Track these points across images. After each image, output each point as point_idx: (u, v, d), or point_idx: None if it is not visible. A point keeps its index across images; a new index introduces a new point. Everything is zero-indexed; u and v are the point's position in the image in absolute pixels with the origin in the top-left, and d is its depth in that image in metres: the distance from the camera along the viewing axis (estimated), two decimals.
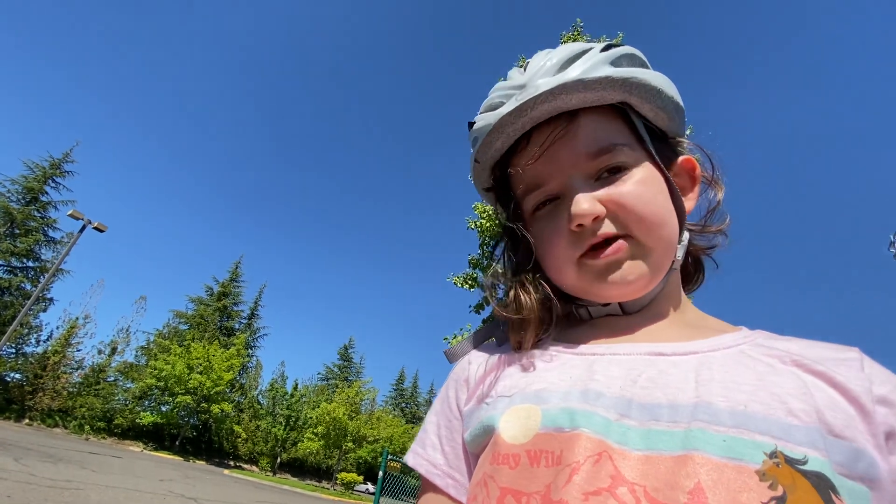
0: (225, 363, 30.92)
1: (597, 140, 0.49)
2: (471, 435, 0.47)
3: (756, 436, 0.34)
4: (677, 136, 0.55)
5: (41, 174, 29.62)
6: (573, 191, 0.48)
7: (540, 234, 0.52)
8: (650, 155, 0.51)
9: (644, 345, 0.46)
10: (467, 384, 0.53)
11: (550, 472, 0.38)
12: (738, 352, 0.43)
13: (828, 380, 0.39)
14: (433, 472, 0.50)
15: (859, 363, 0.40)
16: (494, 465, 0.41)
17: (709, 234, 0.56)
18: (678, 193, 0.51)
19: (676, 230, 0.50)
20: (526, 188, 0.52)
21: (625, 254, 0.47)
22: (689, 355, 0.43)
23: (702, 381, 0.39)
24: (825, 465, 0.33)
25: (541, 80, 0.48)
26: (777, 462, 0.33)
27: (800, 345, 0.43)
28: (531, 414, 0.42)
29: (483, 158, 0.55)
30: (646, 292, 0.49)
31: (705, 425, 0.35)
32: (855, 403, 0.37)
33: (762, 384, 0.38)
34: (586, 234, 0.47)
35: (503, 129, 0.51)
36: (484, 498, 0.41)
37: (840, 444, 0.34)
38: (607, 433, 0.38)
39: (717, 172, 0.56)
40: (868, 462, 0.34)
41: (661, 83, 0.51)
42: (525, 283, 0.53)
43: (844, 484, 0.33)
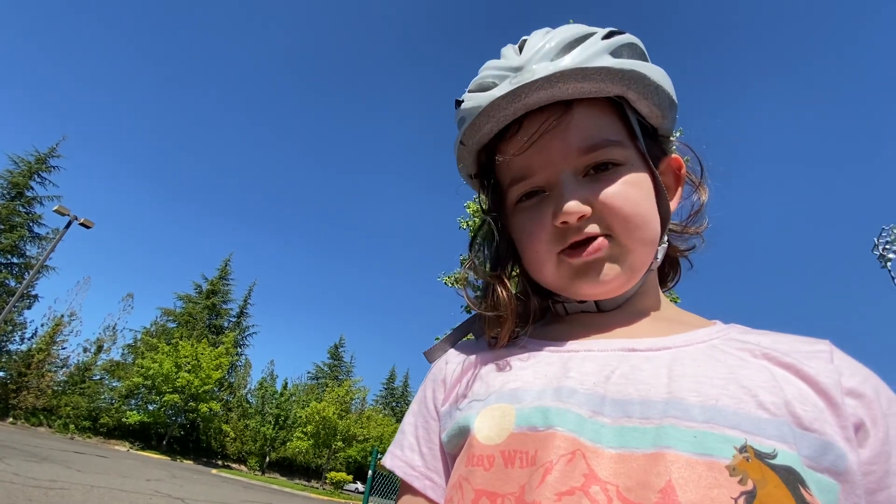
0: (213, 362, 30.64)
1: (590, 135, 0.47)
2: (447, 436, 0.47)
3: (726, 430, 0.34)
4: (667, 134, 0.55)
5: (26, 169, 29.14)
6: (561, 186, 0.47)
7: (522, 227, 0.51)
8: (641, 153, 0.50)
9: (618, 341, 0.46)
10: (444, 384, 0.52)
11: (525, 472, 0.38)
12: (711, 346, 0.43)
13: (797, 372, 0.39)
14: (411, 473, 0.50)
15: (829, 355, 0.40)
16: (469, 467, 0.41)
17: (688, 235, 0.57)
18: (665, 195, 0.51)
19: (658, 232, 0.50)
20: (512, 178, 0.51)
21: (603, 254, 0.47)
22: (663, 350, 0.43)
23: (674, 376, 0.39)
24: (794, 458, 0.33)
25: (537, 65, 0.46)
26: (747, 456, 0.33)
27: (771, 338, 0.43)
28: (505, 413, 0.42)
29: (469, 142, 0.53)
30: (622, 292, 0.49)
31: (676, 421, 0.36)
32: (824, 396, 0.37)
33: (733, 378, 0.38)
34: (570, 231, 0.47)
35: (494, 114, 0.49)
36: (459, 500, 0.41)
37: (809, 438, 0.35)
38: (581, 431, 0.38)
39: (703, 175, 0.56)
40: (836, 454, 0.34)
41: (661, 79, 0.49)
42: (503, 277, 0.53)
43: (813, 477, 0.33)
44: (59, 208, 15.02)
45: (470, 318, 0.59)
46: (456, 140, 0.55)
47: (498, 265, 0.54)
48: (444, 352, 0.57)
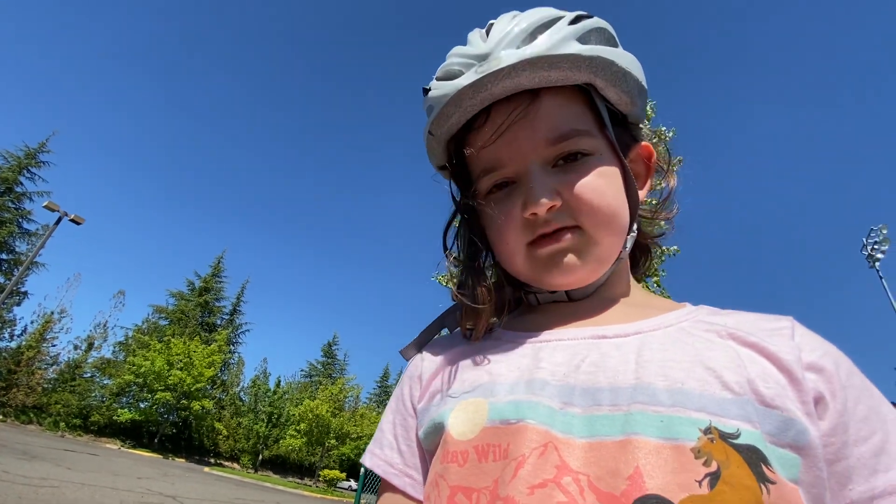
0: (206, 359, 30.47)
1: (557, 126, 0.47)
2: (424, 433, 0.47)
3: (692, 413, 0.35)
4: (637, 121, 0.55)
5: (16, 164, 28.75)
6: (530, 177, 0.47)
7: (493, 219, 0.51)
8: (610, 142, 0.49)
9: (588, 328, 0.46)
10: (420, 381, 0.52)
11: (498, 466, 0.38)
12: (678, 329, 0.44)
13: (760, 350, 0.39)
14: (390, 471, 0.50)
15: (790, 331, 0.41)
16: (444, 464, 0.41)
17: (658, 222, 0.58)
18: (633, 184, 0.51)
19: (627, 221, 0.50)
20: (482, 169, 0.51)
21: (569, 244, 0.47)
22: (631, 336, 0.44)
23: (642, 361, 0.40)
24: (757, 436, 0.34)
25: (503, 52, 0.45)
26: (711, 438, 0.33)
27: (736, 318, 0.44)
28: (478, 408, 0.42)
29: (438, 132, 0.52)
30: (590, 282, 0.50)
31: (644, 406, 0.36)
32: (785, 371, 0.37)
33: (699, 360, 0.38)
34: (538, 223, 0.47)
35: (460, 103, 0.48)
36: (436, 498, 0.41)
37: (771, 414, 0.35)
38: (552, 423, 0.38)
39: (672, 161, 0.57)
40: (798, 430, 0.35)
41: (630, 65, 0.49)
42: (479, 268, 0.53)
43: (775, 453, 0.34)
44: (49, 204, 14.87)
45: (443, 313, 0.59)
46: (425, 129, 0.54)
47: (472, 256, 0.54)
48: (419, 349, 0.57)
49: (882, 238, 18.38)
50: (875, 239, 18.48)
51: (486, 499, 0.37)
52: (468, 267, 0.53)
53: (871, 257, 18.38)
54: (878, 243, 18.35)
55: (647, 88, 0.53)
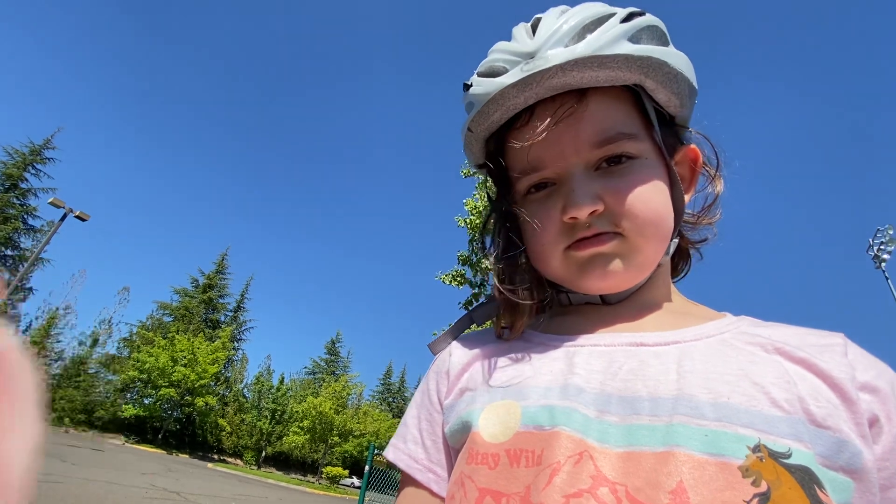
0: (210, 356, 30.60)
1: (603, 128, 0.45)
2: (451, 430, 0.46)
3: (739, 429, 0.33)
4: (684, 122, 0.52)
5: (21, 160, 28.90)
6: (572, 180, 0.45)
7: (531, 220, 0.49)
8: (656, 146, 0.48)
9: (626, 335, 0.45)
10: (448, 376, 0.51)
11: (531, 472, 0.37)
12: (721, 341, 0.42)
13: (810, 367, 0.38)
14: (414, 466, 0.49)
15: (843, 349, 0.39)
16: (473, 465, 0.40)
17: (700, 227, 0.55)
18: (680, 187, 0.49)
19: (671, 228, 0.48)
20: (522, 169, 0.49)
21: (610, 249, 0.45)
22: (671, 345, 0.42)
23: (683, 372, 0.38)
24: (809, 457, 0.32)
25: (551, 52, 0.43)
26: (761, 456, 0.32)
27: (783, 331, 0.42)
28: (511, 411, 0.41)
29: (477, 129, 0.50)
30: (627, 287, 0.48)
31: (687, 419, 0.35)
32: (838, 391, 0.36)
33: (744, 374, 0.37)
34: (579, 227, 0.45)
35: (503, 102, 0.46)
36: (461, 498, 0.40)
37: (823, 435, 0.34)
38: (587, 431, 0.37)
39: (719, 166, 0.54)
40: (852, 452, 0.33)
41: (682, 65, 0.46)
42: (520, 266, 0.52)
43: (828, 476, 0.32)
44: (54, 200, 14.91)
45: (473, 308, 0.57)
46: (463, 126, 0.52)
47: (511, 255, 0.53)
48: (447, 343, 0.55)
49: (888, 239, 18.24)
50: (881, 239, 18.35)
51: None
52: (509, 264, 0.52)
53: (877, 258, 18.24)
54: (885, 244, 18.22)
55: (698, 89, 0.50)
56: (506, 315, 0.51)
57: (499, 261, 0.52)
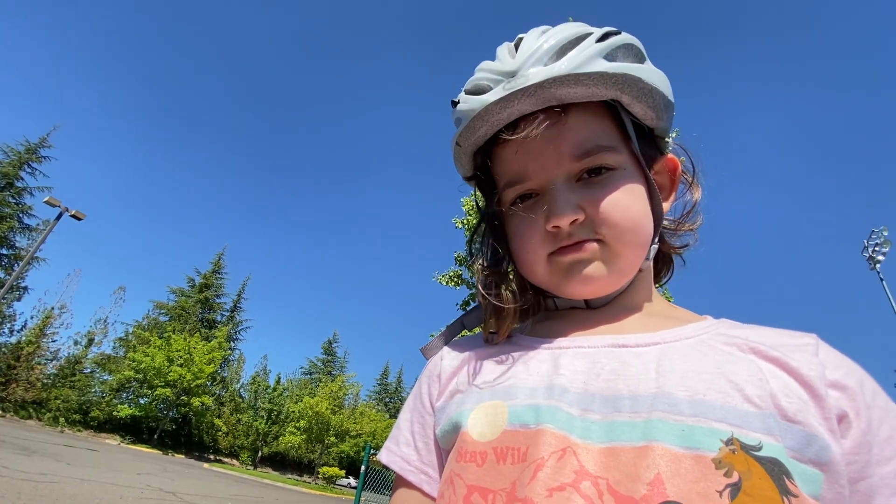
0: (206, 356, 30.48)
1: (583, 141, 0.48)
2: (442, 431, 0.48)
3: (713, 423, 0.35)
4: (663, 134, 0.55)
5: (17, 159, 28.70)
6: (554, 191, 0.48)
7: (516, 229, 0.52)
8: (634, 156, 0.50)
9: (608, 337, 0.47)
10: (439, 380, 0.53)
11: (516, 468, 0.39)
12: (699, 341, 0.44)
13: (782, 365, 0.39)
14: (407, 468, 0.50)
15: (814, 348, 0.41)
16: (461, 463, 0.42)
17: (682, 233, 0.58)
18: (658, 197, 0.51)
19: (650, 234, 0.50)
20: (507, 181, 0.52)
21: (591, 254, 0.48)
22: (652, 346, 0.44)
23: (662, 371, 0.40)
24: (779, 450, 0.34)
25: (531, 70, 0.46)
26: (733, 449, 0.34)
27: (759, 332, 0.44)
28: (498, 411, 0.43)
29: (465, 143, 0.54)
30: (609, 292, 0.51)
31: (665, 415, 0.36)
32: (807, 387, 0.38)
33: (720, 372, 0.39)
34: (561, 235, 0.48)
35: (487, 118, 0.49)
36: (451, 496, 0.42)
37: (793, 429, 0.35)
38: (571, 429, 0.39)
39: (697, 174, 0.57)
40: (820, 446, 0.35)
41: (656, 80, 0.49)
42: (504, 272, 0.54)
43: (797, 468, 0.34)
44: (49, 199, 14.85)
45: (464, 314, 0.60)
46: (452, 140, 0.56)
47: (496, 262, 0.55)
48: (439, 348, 0.58)
49: (883, 240, 18.35)
50: (876, 241, 18.45)
51: (502, 500, 0.38)
52: (493, 272, 0.54)
53: (871, 259, 18.34)
54: (879, 245, 18.32)
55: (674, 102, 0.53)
56: (491, 320, 0.53)
57: (484, 268, 0.55)
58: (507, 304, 0.52)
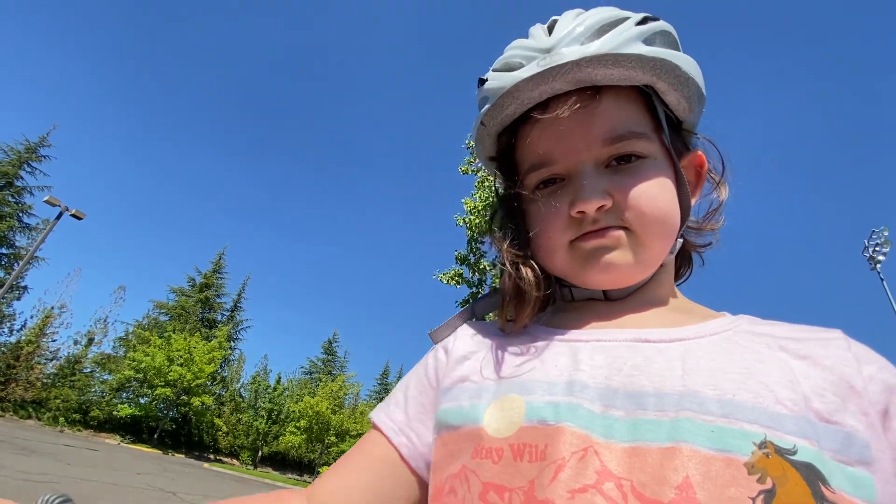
0: (206, 355, 30.44)
1: (614, 126, 0.46)
2: (445, 414, 0.46)
3: (745, 425, 0.33)
4: (692, 128, 0.54)
5: (16, 158, 28.66)
6: (581, 176, 0.46)
7: (538, 214, 0.50)
8: (665, 147, 0.49)
9: (629, 331, 0.45)
10: (448, 359, 0.51)
11: (534, 467, 0.37)
12: (724, 338, 0.42)
13: (815, 363, 0.38)
14: (388, 424, 0.49)
15: (845, 343, 0.40)
16: (477, 460, 0.40)
17: (704, 232, 0.56)
18: (686, 189, 0.50)
19: (676, 228, 0.49)
20: (532, 164, 0.50)
21: (615, 241, 0.46)
22: (675, 342, 0.42)
23: (688, 369, 0.38)
24: (815, 454, 0.32)
25: (567, 49, 0.44)
26: (767, 453, 0.32)
27: (784, 329, 0.43)
28: (515, 406, 0.41)
29: (490, 123, 0.51)
30: (631, 283, 0.49)
31: (693, 414, 0.35)
32: (844, 385, 0.36)
33: (749, 372, 0.37)
34: (586, 221, 0.46)
35: (518, 95, 0.47)
36: (465, 493, 0.40)
37: (831, 430, 0.34)
38: (592, 427, 0.37)
39: (724, 172, 0.55)
40: (861, 445, 0.33)
41: (692, 70, 0.48)
42: (529, 257, 0.51)
43: (844, 471, 0.32)
44: (49, 199, 14.84)
45: (476, 301, 0.58)
46: (476, 120, 0.53)
47: (518, 248, 0.52)
48: (450, 332, 0.55)
49: (883, 240, 18.34)
50: (876, 241, 18.45)
51: (519, 499, 0.36)
52: (519, 254, 0.51)
53: (872, 259, 18.34)
54: (880, 245, 18.32)
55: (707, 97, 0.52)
56: (511, 306, 0.51)
57: (510, 249, 0.52)
58: (530, 288, 0.49)
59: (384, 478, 0.47)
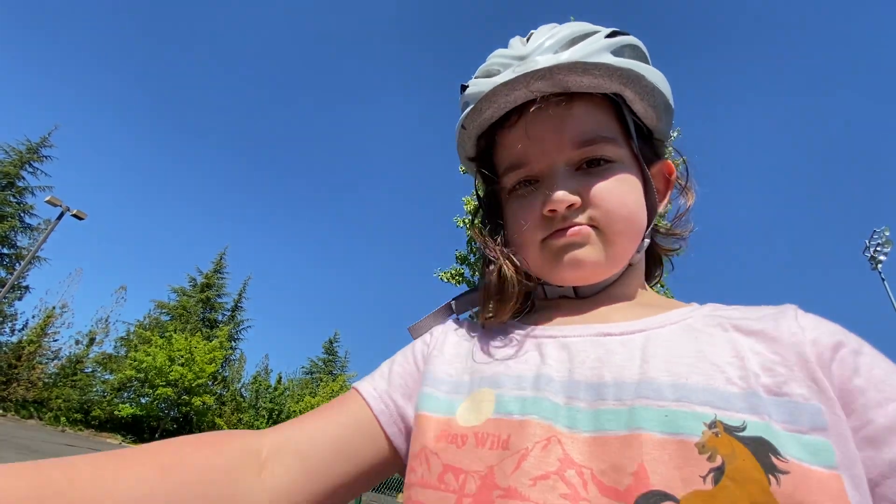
0: (207, 355, 30.50)
1: (585, 131, 0.50)
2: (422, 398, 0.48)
3: (696, 407, 0.35)
4: (662, 138, 0.57)
5: (18, 158, 28.74)
6: (553, 177, 0.50)
7: (513, 213, 0.53)
8: (633, 153, 0.52)
9: (594, 326, 0.47)
10: (429, 347, 0.54)
11: (495, 454, 0.39)
12: (683, 326, 0.44)
13: (763, 336, 0.40)
14: (370, 392, 0.50)
15: (794, 314, 0.41)
16: (441, 443, 0.42)
17: (673, 237, 0.60)
18: (653, 192, 0.53)
19: (642, 228, 0.52)
20: (508, 165, 0.53)
21: (584, 238, 0.49)
22: (636, 333, 0.44)
23: (647, 357, 0.40)
24: (765, 427, 0.33)
25: (540, 57, 0.48)
26: (716, 432, 0.33)
27: (741, 310, 0.45)
28: (486, 399, 0.43)
29: (470, 126, 0.55)
30: (599, 280, 0.51)
31: (648, 401, 0.36)
32: (791, 354, 0.37)
33: (703, 355, 0.39)
34: (556, 220, 0.49)
35: (495, 99, 0.51)
36: (424, 471, 0.42)
37: (780, 402, 0.35)
38: (556, 418, 0.39)
39: (690, 180, 0.59)
40: (813, 411, 0.34)
41: (658, 81, 0.51)
42: (507, 256, 0.54)
43: (799, 440, 0.33)
44: (51, 199, 14.87)
45: (455, 298, 0.60)
46: (458, 123, 0.57)
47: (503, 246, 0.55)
48: (428, 328, 0.59)
49: (885, 240, 18.32)
50: (878, 241, 18.43)
51: (474, 482, 0.38)
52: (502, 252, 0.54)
53: (873, 259, 18.32)
54: (881, 245, 18.30)
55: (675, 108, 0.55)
56: (492, 301, 0.53)
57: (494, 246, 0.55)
58: (510, 284, 0.52)
59: (355, 434, 0.47)
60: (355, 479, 0.45)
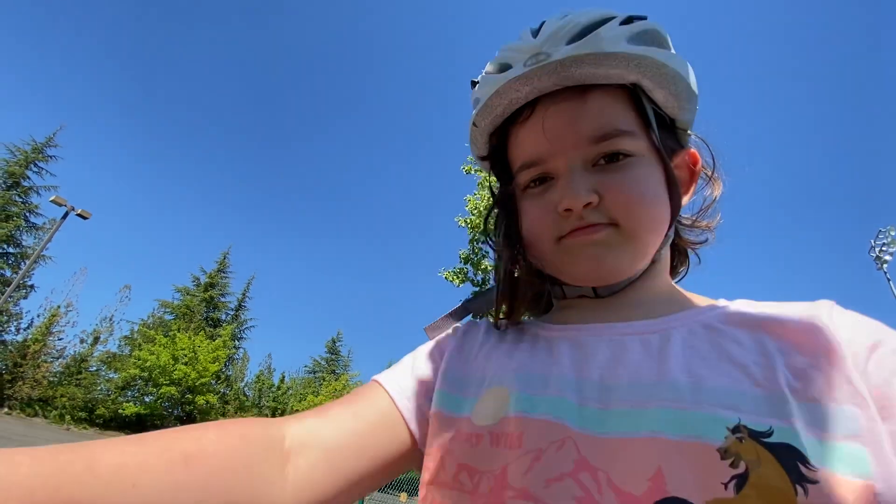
0: (211, 354, 30.63)
1: (601, 125, 0.46)
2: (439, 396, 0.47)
3: (718, 410, 0.33)
4: (685, 126, 0.54)
5: (23, 158, 28.92)
6: (569, 174, 0.47)
7: (528, 211, 0.51)
8: (653, 145, 0.48)
9: (612, 325, 0.46)
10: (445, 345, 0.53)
11: (509, 453, 0.38)
12: (708, 324, 0.42)
13: (794, 336, 0.37)
14: (395, 387, 0.48)
15: (828, 312, 0.39)
16: (457, 442, 0.42)
17: (698, 229, 0.57)
18: (677, 187, 0.49)
19: (665, 224, 0.49)
20: (522, 163, 0.50)
21: (603, 237, 0.46)
22: (656, 333, 0.43)
23: (664, 357, 0.39)
24: (793, 433, 0.31)
25: (553, 49, 0.45)
26: (740, 437, 0.31)
27: (772, 307, 0.42)
28: (501, 397, 0.42)
29: (482, 123, 0.53)
30: (618, 280, 0.49)
31: (665, 403, 0.35)
32: (823, 357, 0.35)
33: (726, 355, 0.37)
34: (573, 218, 0.46)
35: (507, 95, 0.48)
36: (440, 469, 0.41)
37: (811, 406, 0.32)
38: (570, 418, 0.37)
39: (717, 169, 0.56)
40: (846, 417, 0.31)
41: (679, 67, 0.48)
42: (521, 256, 0.53)
43: (830, 447, 0.30)
44: (56, 198, 14.96)
45: (469, 299, 0.59)
46: (469, 120, 0.55)
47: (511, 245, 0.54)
48: (445, 328, 0.57)
49: (890, 240, 18.22)
50: (883, 241, 18.33)
51: (488, 482, 0.37)
52: (513, 254, 0.53)
53: (878, 259, 18.22)
54: (886, 245, 18.20)
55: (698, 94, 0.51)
56: (505, 302, 0.52)
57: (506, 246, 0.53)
58: (523, 284, 0.51)
59: (378, 428, 0.45)
60: (376, 473, 0.43)
